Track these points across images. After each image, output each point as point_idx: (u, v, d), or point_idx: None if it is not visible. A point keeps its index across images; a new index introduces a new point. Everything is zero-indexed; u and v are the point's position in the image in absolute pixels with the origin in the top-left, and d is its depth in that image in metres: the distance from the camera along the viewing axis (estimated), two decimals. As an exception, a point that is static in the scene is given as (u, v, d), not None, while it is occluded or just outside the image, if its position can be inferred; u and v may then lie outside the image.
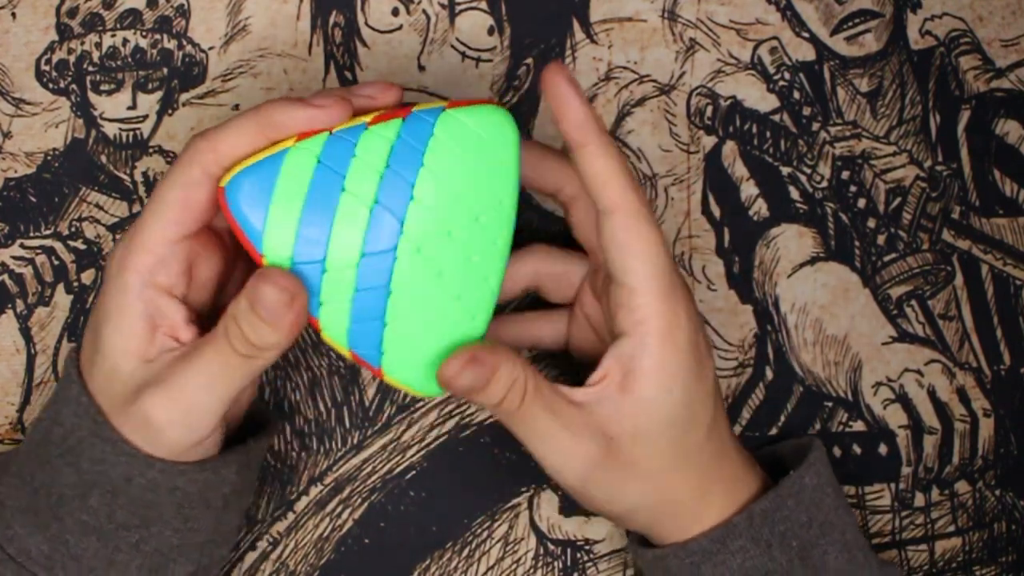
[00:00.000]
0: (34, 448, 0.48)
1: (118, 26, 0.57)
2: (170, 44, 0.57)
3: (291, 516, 0.57)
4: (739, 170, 0.59)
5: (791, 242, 0.58)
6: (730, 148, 0.59)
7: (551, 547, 0.57)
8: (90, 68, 0.57)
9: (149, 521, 0.47)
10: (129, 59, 0.57)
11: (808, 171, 0.59)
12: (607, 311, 0.49)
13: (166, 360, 0.46)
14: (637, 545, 0.52)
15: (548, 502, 0.57)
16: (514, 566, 0.57)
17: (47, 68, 0.57)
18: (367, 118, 0.45)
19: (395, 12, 0.58)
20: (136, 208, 0.57)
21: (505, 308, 0.57)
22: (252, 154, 0.45)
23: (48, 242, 0.57)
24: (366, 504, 0.57)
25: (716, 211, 0.58)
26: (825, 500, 0.51)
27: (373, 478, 0.57)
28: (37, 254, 0.56)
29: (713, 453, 0.50)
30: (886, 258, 0.59)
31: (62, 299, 0.56)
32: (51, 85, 0.57)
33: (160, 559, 0.48)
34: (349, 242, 0.45)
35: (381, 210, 0.45)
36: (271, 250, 0.45)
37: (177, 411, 0.45)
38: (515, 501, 0.57)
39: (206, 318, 0.49)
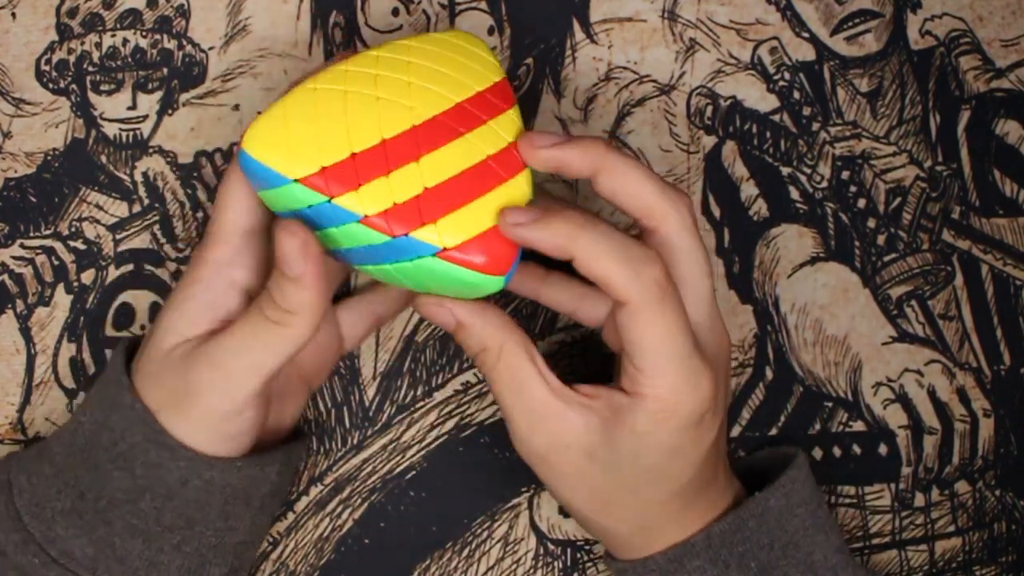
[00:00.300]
0: (77, 452, 0.49)
1: (118, 26, 0.57)
2: (170, 44, 0.57)
3: (291, 516, 0.57)
4: (739, 170, 0.59)
5: (791, 242, 0.58)
6: (730, 148, 0.59)
7: (551, 547, 0.57)
8: (90, 68, 0.57)
9: (193, 522, 0.48)
10: (129, 59, 0.57)
11: (808, 171, 0.59)
12: (617, 355, 0.49)
13: (209, 345, 0.48)
14: (607, 555, 0.53)
15: (548, 502, 0.57)
16: (514, 566, 0.57)
17: (47, 68, 0.57)
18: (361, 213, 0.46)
19: (395, 12, 0.58)
20: (136, 208, 0.57)
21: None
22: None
23: (48, 242, 0.57)
24: (366, 504, 0.57)
25: (716, 211, 0.58)
26: (792, 522, 0.50)
27: (373, 478, 0.57)
28: (37, 254, 0.56)
29: (676, 504, 0.49)
30: (886, 258, 0.59)
31: (62, 299, 0.56)
32: (51, 85, 0.57)
33: (199, 560, 0.49)
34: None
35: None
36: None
37: (216, 376, 0.47)
38: (515, 501, 0.57)
39: None
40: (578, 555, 0.57)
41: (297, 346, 0.46)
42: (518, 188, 0.47)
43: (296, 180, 0.45)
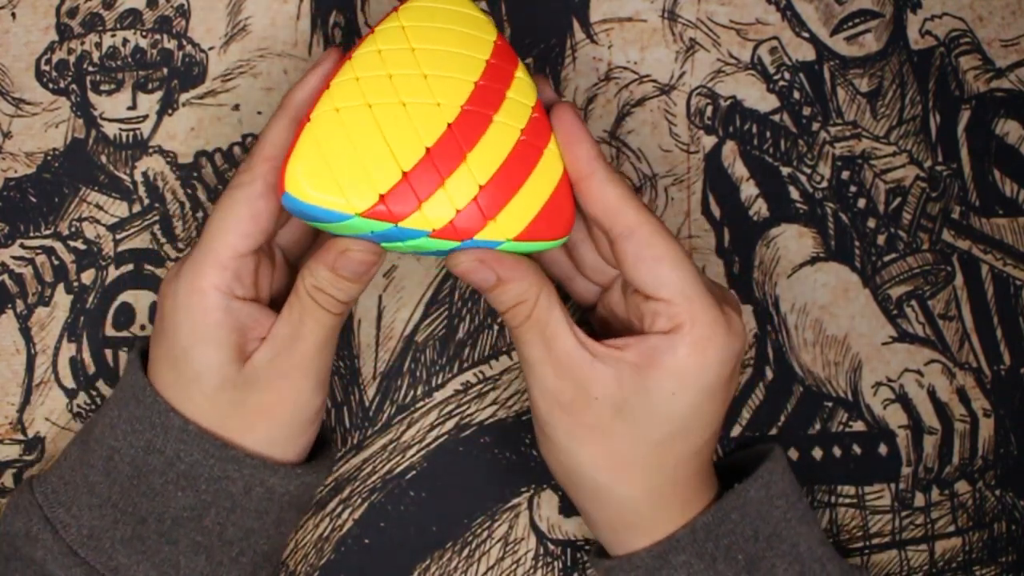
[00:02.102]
0: (125, 479, 0.48)
1: (118, 26, 0.57)
2: (170, 44, 0.57)
3: (291, 516, 0.57)
4: (739, 170, 0.59)
5: (791, 242, 0.58)
6: (730, 148, 0.59)
7: (551, 547, 0.57)
8: (90, 68, 0.57)
9: (251, 532, 0.49)
10: (129, 59, 0.57)
11: (808, 171, 0.59)
12: (638, 315, 0.49)
13: (264, 353, 0.48)
14: (595, 556, 0.53)
15: (548, 502, 0.57)
16: (514, 566, 0.57)
17: (47, 68, 0.57)
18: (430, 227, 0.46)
19: (395, 12, 0.58)
20: (136, 208, 0.57)
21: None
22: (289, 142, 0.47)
23: (48, 242, 0.57)
24: (366, 504, 0.57)
25: (716, 211, 0.58)
26: (773, 512, 0.50)
27: (373, 478, 0.57)
28: (37, 254, 0.56)
29: (690, 468, 0.49)
30: (886, 258, 0.59)
31: (62, 299, 0.56)
32: (51, 85, 0.57)
33: (252, 568, 0.50)
34: None
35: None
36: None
37: (310, 377, 0.49)
38: (515, 501, 0.57)
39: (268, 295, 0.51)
40: (578, 555, 0.57)
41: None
42: (552, 154, 0.48)
43: (358, 215, 0.45)
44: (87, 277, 0.57)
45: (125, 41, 0.57)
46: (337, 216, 0.45)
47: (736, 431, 0.58)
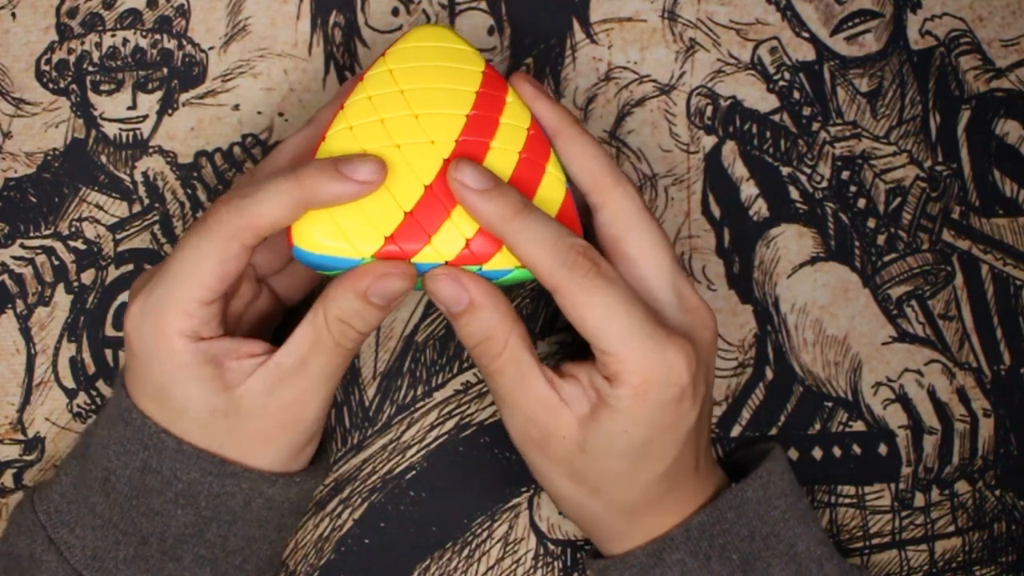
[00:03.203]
0: (124, 500, 0.48)
1: (118, 26, 0.57)
2: (170, 44, 0.57)
3: (291, 516, 0.57)
4: (739, 170, 0.59)
5: (791, 242, 0.58)
6: (730, 148, 0.59)
7: (551, 547, 0.57)
8: (90, 68, 0.57)
9: (253, 540, 0.49)
10: (129, 59, 0.57)
11: (808, 171, 0.59)
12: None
13: (261, 379, 0.47)
14: (590, 557, 0.53)
15: (548, 502, 0.57)
16: (514, 566, 0.57)
17: (47, 68, 0.57)
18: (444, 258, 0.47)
19: (395, 12, 0.58)
20: (136, 208, 0.57)
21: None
22: (287, 223, 0.46)
23: (48, 242, 0.57)
24: (366, 504, 0.57)
25: (716, 211, 0.58)
26: (771, 513, 0.50)
27: (373, 478, 0.57)
28: (37, 254, 0.56)
29: (663, 487, 0.49)
30: (886, 258, 0.59)
31: (62, 299, 0.56)
32: (51, 85, 0.57)
33: (257, 573, 0.50)
34: None
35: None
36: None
37: (314, 408, 0.48)
38: (515, 501, 0.57)
39: (240, 314, 0.51)
40: (578, 555, 0.57)
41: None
42: (554, 175, 0.48)
43: (369, 258, 0.46)
44: (87, 277, 0.57)
45: (125, 41, 0.57)
46: (348, 263, 0.46)
47: (736, 431, 0.58)
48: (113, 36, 0.57)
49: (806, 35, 0.59)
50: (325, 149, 0.47)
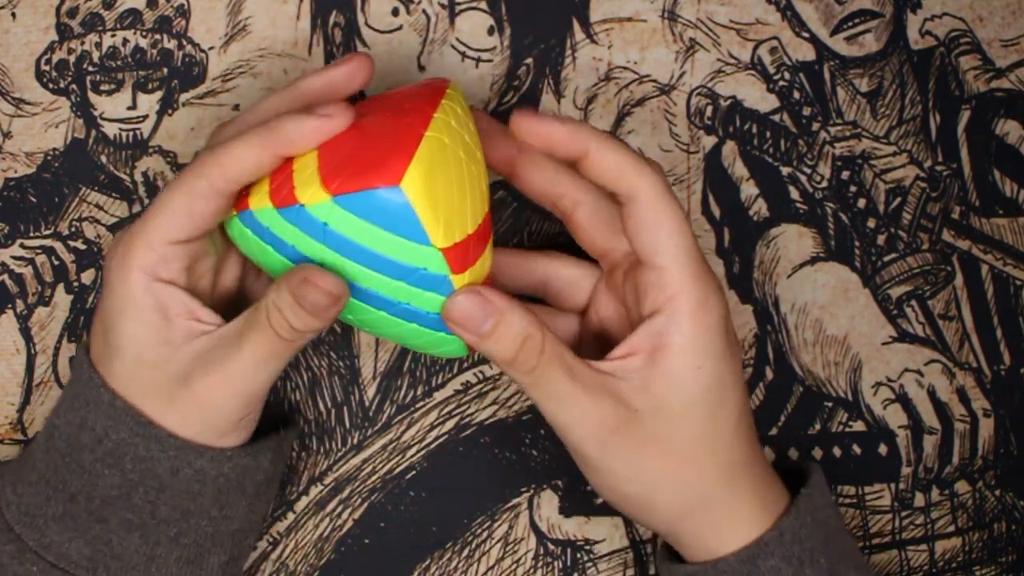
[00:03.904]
0: (59, 456, 0.49)
1: (118, 26, 0.57)
2: (170, 44, 0.57)
3: (291, 516, 0.57)
4: (739, 170, 0.59)
5: (791, 242, 0.58)
6: (730, 148, 0.59)
7: (551, 547, 0.57)
8: (90, 68, 0.57)
9: (188, 513, 0.49)
10: (129, 59, 0.57)
11: (808, 171, 0.59)
12: (635, 298, 0.49)
13: (202, 345, 0.47)
14: (666, 562, 0.51)
15: (548, 502, 0.57)
16: (514, 566, 0.57)
17: (47, 68, 0.57)
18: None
19: (395, 12, 0.58)
20: (136, 208, 0.57)
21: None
22: (258, 171, 0.46)
23: (48, 242, 0.57)
24: (366, 504, 0.57)
25: (716, 211, 0.58)
26: (831, 521, 0.50)
27: (373, 478, 0.57)
28: (37, 254, 0.56)
29: (743, 443, 0.49)
30: (886, 258, 0.59)
31: (62, 299, 0.56)
32: (51, 85, 0.57)
33: (197, 550, 0.49)
34: None
35: None
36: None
37: (232, 391, 0.47)
38: (515, 501, 0.57)
39: (209, 297, 0.50)
40: (578, 555, 0.57)
41: (298, 351, 0.48)
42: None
43: (442, 248, 0.45)
44: (87, 277, 0.57)
45: (125, 41, 0.57)
46: (422, 238, 0.44)
47: (736, 431, 0.58)
48: (113, 36, 0.57)
49: (806, 35, 0.59)
50: (436, 128, 0.46)
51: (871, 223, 0.59)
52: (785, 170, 0.59)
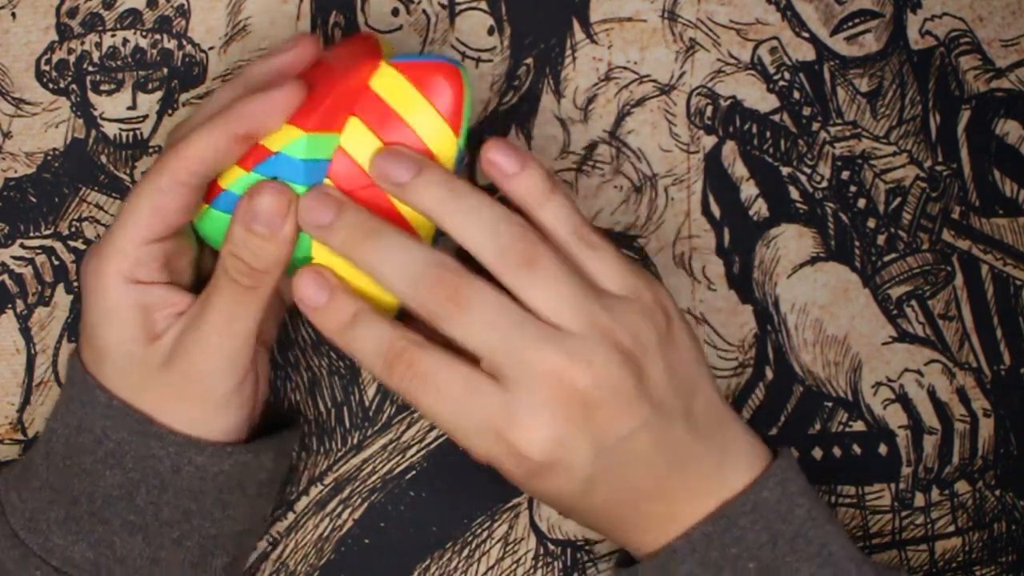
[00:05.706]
0: (59, 459, 0.49)
1: (118, 26, 0.57)
2: (170, 44, 0.57)
3: (291, 516, 0.57)
4: (739, 170, 0.59)
5: (791, 242, 0.58)
6: (730, 148, 0.59)
7: (551, 547, 0.57)
8: (90, 68, 0.57)
9: (190, 514, 0.49)
10: (129, 59, 0.57)
11: (808, 171, 0.59)
12: None
13: (179, 325, 0.48)
14: (616, 566, 0.52)
15: (548, 502, 0.57)
16: (514, 566, 0.57)
17: (47, 68, 0.57)
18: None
19: (395, 12, 0.58)
20: (136, 208, 0.57)
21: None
22: (217, 157, 0.47)
23: (48, 242, 0.57)
24: (366, 504, 0.57)
25: (716, 211, 0.58)
26: (795, 512, 0.48)
27: (373, 478, 0.57)
28: (37, 254, 0.57)
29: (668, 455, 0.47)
30: (886, 258, 0.59)
31: (62, 299, 0.56)
32: (51, 85, 0.57)
33: (200, 552, 0.49)
34: None
35: None
36: None
37: (211, 352, 0.47)
38: (515, 501, 0.57)
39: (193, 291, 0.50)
40: (578, 555, 0.57)
41: (267, 304, 0.48)
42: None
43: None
44: (87, 277, 0.57)
45: (125, 41, 0.57)
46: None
47: (736, 431, 0.58)
48: (113, 36, 0.57)
49: (806, 35, 0.59)
50: None
51: (871, 223, 0.59)
52: (785, 170, 0.59)
